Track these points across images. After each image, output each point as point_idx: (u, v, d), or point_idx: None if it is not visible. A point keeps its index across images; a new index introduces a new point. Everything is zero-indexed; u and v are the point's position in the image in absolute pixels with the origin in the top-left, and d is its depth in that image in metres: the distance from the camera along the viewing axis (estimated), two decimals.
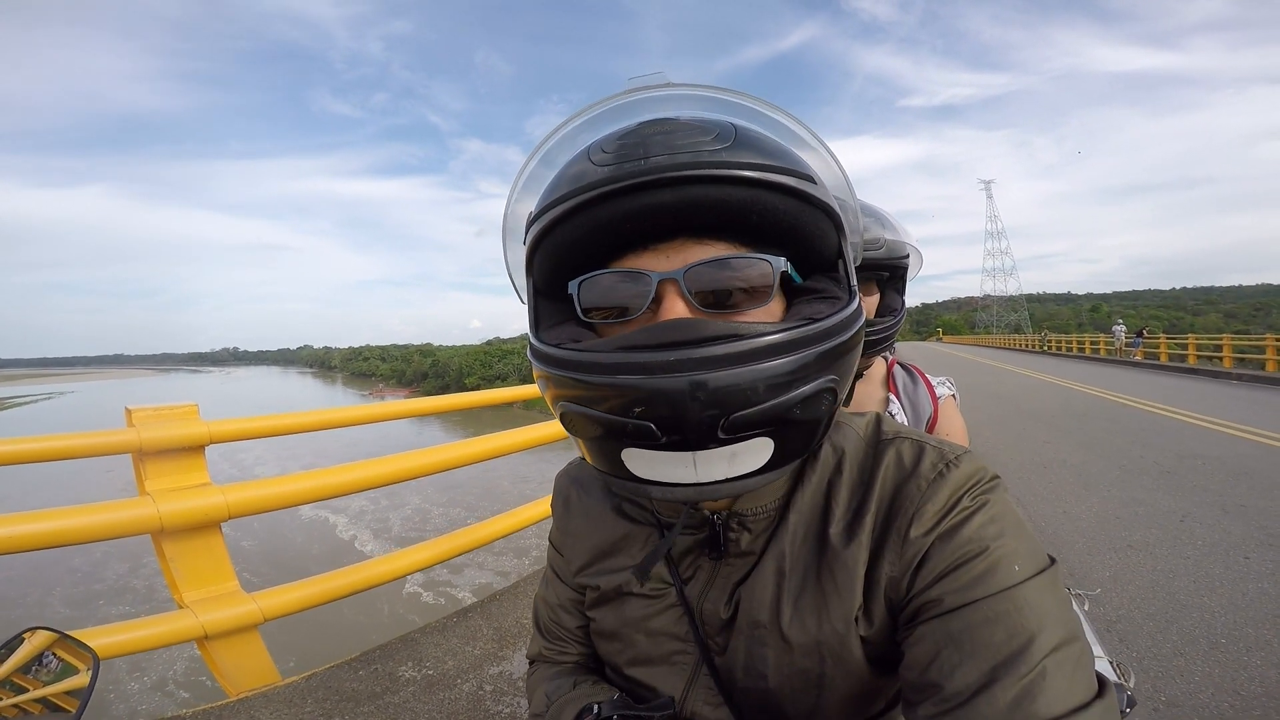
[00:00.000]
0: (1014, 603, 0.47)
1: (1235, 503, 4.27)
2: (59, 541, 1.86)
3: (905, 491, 0.55)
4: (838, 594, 0.55)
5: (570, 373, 0.49)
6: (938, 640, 0.48)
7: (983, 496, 0.53)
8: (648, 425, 0.46)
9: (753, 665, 0.58)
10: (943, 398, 1.38)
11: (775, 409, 0.46)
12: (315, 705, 1.99)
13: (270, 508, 2.31)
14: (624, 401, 0.46)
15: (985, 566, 0.49)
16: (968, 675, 0.45)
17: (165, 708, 5.46)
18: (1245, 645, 2.39)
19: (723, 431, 0.46)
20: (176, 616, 2.06)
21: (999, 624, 0.46)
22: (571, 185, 0.51)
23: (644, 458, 0.49)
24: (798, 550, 0.58)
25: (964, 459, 0.56)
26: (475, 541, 2.96)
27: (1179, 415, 8.36)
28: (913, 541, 0.52)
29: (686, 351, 0.45)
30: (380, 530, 11.44)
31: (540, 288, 0.59)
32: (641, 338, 0.48)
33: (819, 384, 0.49)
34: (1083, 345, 30.14)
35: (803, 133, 0.57)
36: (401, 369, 78.49)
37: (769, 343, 0.46)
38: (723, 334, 0.46)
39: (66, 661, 0.67)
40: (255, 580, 8.53)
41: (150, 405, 2.14)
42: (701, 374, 0.44)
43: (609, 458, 0.51)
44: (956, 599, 0.48)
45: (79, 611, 8.25)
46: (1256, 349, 16.06)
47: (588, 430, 0.50)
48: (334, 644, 5.77)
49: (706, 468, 0.48)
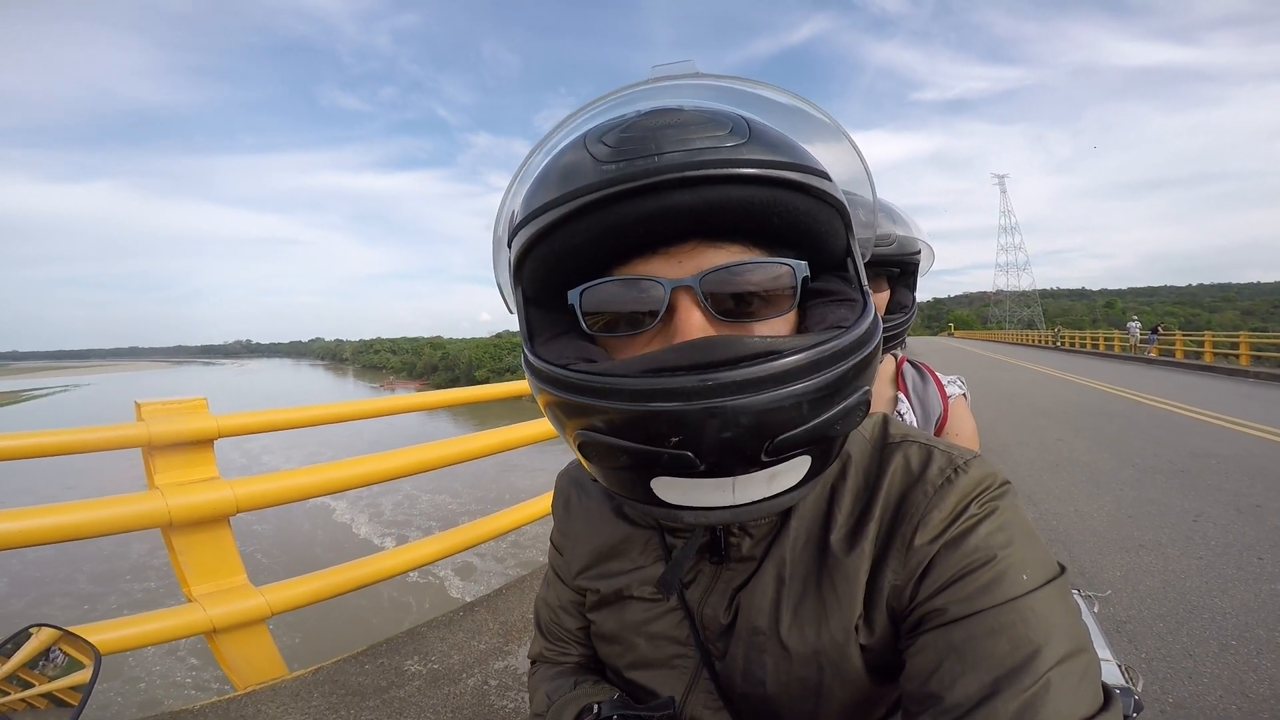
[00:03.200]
0: (1020, 613, 0.45)
1: (1250, 503, 4.21)
2: (69, 536, 1.88)
3: (911, 498, 0.53)
4: (838, 602, 0.54)
5: (592, 399, 0.45)
6: (940, 651, 0.46)
7: (991, 503, 0.52)
8: (686, 455, 0.42)
9: (751, 671, 0.57)
10: (953, 397, 1.36)
11: (819, 427, 0.44)
12: (322, 699, 2.01)
13: (278, 501, 2.33)
14: (659, 431, 0.42)
15: (992, 576, 0.47)
16: (969, 687, 0.44)
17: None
18: (1256, 647, 2.35)
19: (766, 455, 0.43)
20: (185, 610, 2.08)
21: (1004, 635, 0.44)
22: (569, 184, 0.46)
23: (678, 485, 0.46)
24: (798, 557, 0.57)
25: (973, 464, 0.54)
26: (481, 536, 2.97)
27: (1194, 413, 8.25)
28: (917, 549, 0.51)
29: (726, 374, 0.42)
30: (375, 514, 11.82)
31: (531, 296, 0.54)
32: (671, 358, 0.44)
33: (857, 397, 0.47)
34: (1097, 342, 29.84)
35: (828, 123, 0.55)
36: (412, 362, 78.97)
37: (809, 359, 0.43)
38: (759, 352, 0.43)
39: (71, 657, 0.67)
40: (265, 561, 8.80)
41: (159, 399, 2.16)
42: (744, 398, 0.41)
43: (636, 486, 0.48)
44: (961, 609, 0.47)
45: (103, 588, 8.69)
46: (1275, 346, 15.87)
47: (613, 460, 0.46)
48: (334, 617, 5.82)
49: (745, 490, 0.46)
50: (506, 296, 0.59)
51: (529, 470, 13.25)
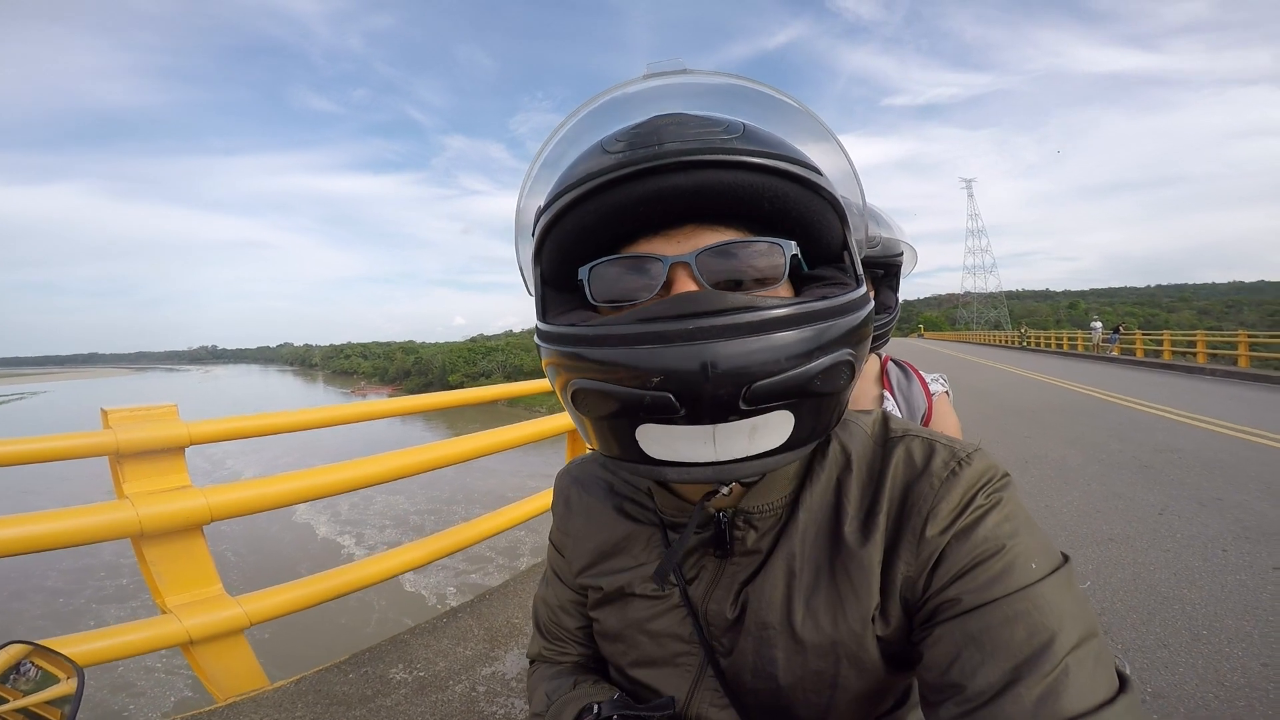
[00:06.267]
0: (1033, 601, 0.47)
1: (1211, 496, 4.35)
2: (33, 548, 1.80)
3: (918, 490, 0.55)
4: (854, 594, 0.55)
5: (585, 348, 0.49)
6: (957, 641, 0.48)
7: (996, 494, 0.53)
8: (666, 396, 0.45)
9: (762, 666, 0.58)
10: (936, 394, 1.39)
11: (796, 379, 0.46)
12: (305, 709, 1.96)
13: (253, 510, 2.26)
14: (642, 373, 0.45)
15: (1002, 565, 0.49)
16: (990, 675, 0.45)
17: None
18: (1226, 637, 2.43)
19: (744, 402, 0.45)
20: (159, 622, 2.01)
21: (1019, 623, 0.46)
22: (581, 172, 0.51)
23: (660, 435, 0.48)
24: (809, 550, 0.57)
25: (975, 456, 0.56)
26: (465, 541, 2.93)
27: (1155, 410, 8.51)
28: (928, 541, 0.52)
29: (707, 320, 0.45)
30: (334, 515, 12.15)
31: (548, 277, 0.58)
32: (658, 309, 0.47)
33: (837, 356, 0.49)
34: (1061, 341, 30.63)
35: (815, 125, 0.57)
36: (384, 366, 77.96)
37: (786, 314, 0.47)
38: (742, 305, 0.46)
39: (46, 671, 0.65)
40: (234, 559, 8.90)
41: (127, 406, 2.09)
42: (722, 342, 0.44)
43: (622, 438, 0.50)
44: (975, 599, 0.48)
45: (76, 582, 8.86)
46: (1229, 345, 16.44)
47: (602, 408, 0.49)
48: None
49: (726, 443, 0.47)
50: (527, 278, 0.62)
51: (486, 471, 13.48)
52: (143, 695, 5.84)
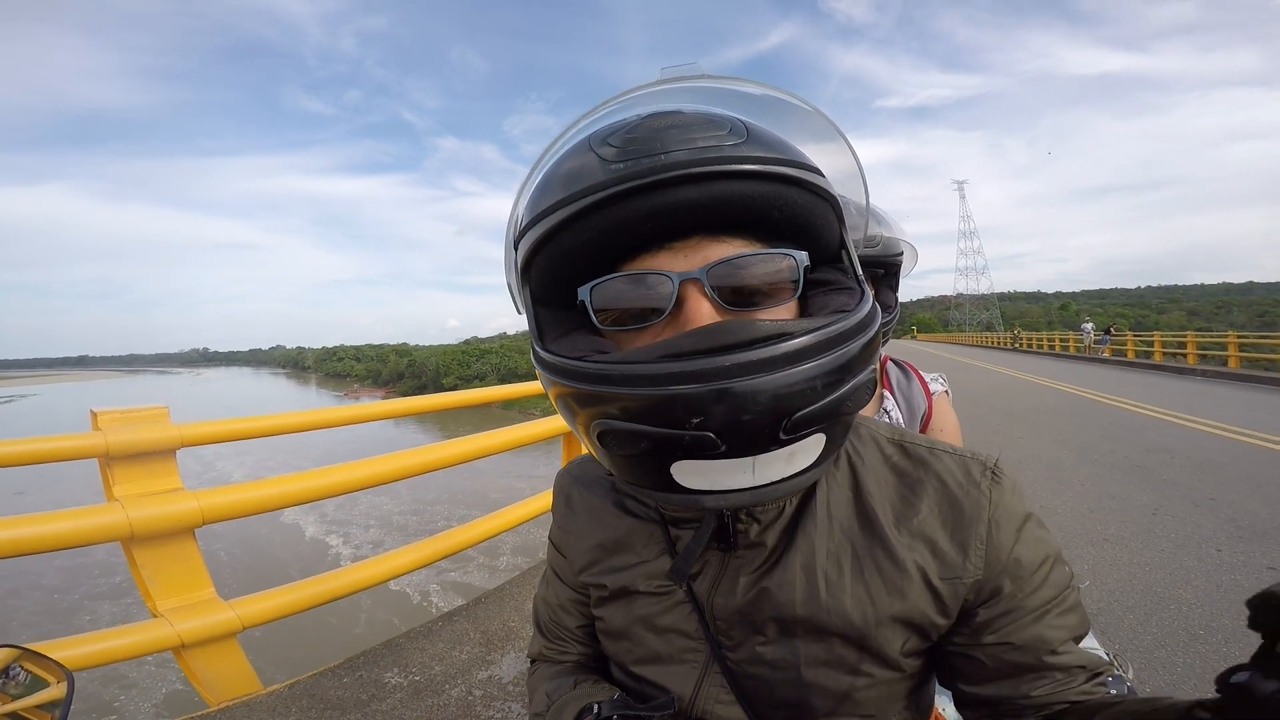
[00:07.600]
0: (1076, 592, 0.57)
1: (1204, 496, 4.38)
2: (22, 550, 1.77)
3: (963, 500, 0.57)
4: (883, 586, 0.56)
5: (611, 388, 0.46)
6: (1031, 635, 0.54)
7: (1024, 500, 0.59)
8: (707, 436, 0.43)
9: (779, 657, 0.58)
10: (936, 394, 1.39)
11: (833, 404, 0.46)
12: (299, 714, 1.94)
13: (245, 513, 2.24)
14: (679, 414, 0.43)
15: (1051, 564, 0.56)
16: (1071, 651, 0.55)
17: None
18: (1223, 636, 2.44)
19: (784, 433, 0.44)
20: (151, 626, 1.99)
21: (1074, 613, 0.56)
22: (577, 184, 0.48)
23: (699, 469, 0.46)
24: (829, 541, 0.58)
25: (1000, 464, 0.60)
26: (459, 544, 2.92)
27: (1146, 410, 8.58)
28: (978, 548, 0.56)
29: (742, 354, 0.43)
30: (321, 516, 12.27)
31: (539, 295, 0.55)
32: (687, 343, 0.45)
33: (865, 375, 0.48)
34: (1053, 343, 30.82)
35: (826, 126, 0.57)
36: (377, 369, 77.75)
37: (818, 339, 0.45)
38: (772, 334, 0.44)
39: (36, 675, 0.64)
40: (226, 559, 8.94)
41: (117, 408, 2.06)
42: (760, 377, 0.43)
43: (655, 473, 0.48)
44: (1034, 600, 0.55)
45: (71, 580, 8.92)
46: (1219, 346, 16.58)
47: (634, 447, 0.47)
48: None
49: (764, 470, 0.46)
50: (515, 297, 0.60)
51: (474, 471, 13.48)
52: (134, 687, 5.83)
